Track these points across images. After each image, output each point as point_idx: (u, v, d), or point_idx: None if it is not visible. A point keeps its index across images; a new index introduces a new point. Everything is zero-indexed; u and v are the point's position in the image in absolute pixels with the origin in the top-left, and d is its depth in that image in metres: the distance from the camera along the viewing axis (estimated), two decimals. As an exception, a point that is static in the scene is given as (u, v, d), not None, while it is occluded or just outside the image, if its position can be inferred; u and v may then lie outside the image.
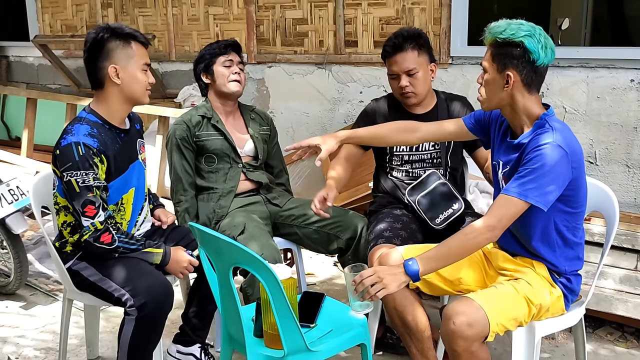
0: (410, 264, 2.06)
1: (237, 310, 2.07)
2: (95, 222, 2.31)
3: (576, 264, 2.26)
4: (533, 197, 2.01)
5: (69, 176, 2.29)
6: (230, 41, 3.08)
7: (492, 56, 2.08)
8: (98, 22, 5.38)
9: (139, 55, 2.39)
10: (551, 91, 3.67)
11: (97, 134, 2.36)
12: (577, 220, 2.20)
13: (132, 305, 2.28)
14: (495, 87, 2.10)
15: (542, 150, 2.01)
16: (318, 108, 4.44)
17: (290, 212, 3.04)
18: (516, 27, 2.03)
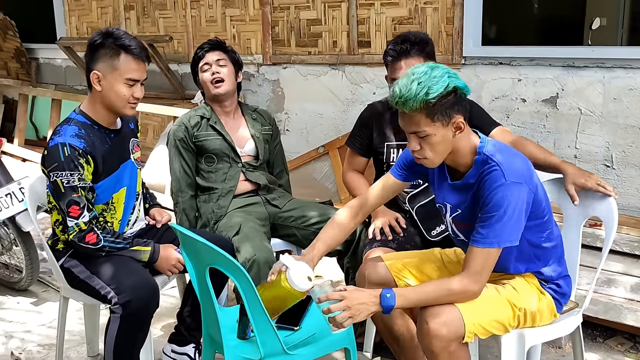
0: (388, 297, 1.95)
1: (215, 311, 2.06)
2: (79, 222, 2.33)
3: (561, 266, 2.18)
4: (506, 240, 1.96)
5: (55, 176, 2.32)
6: (204, 44, 3.07)
7: (429, 118, 1.92)
8: (121, 24, 5.46)
9: (125, 68, 2.35)
10: (566, 92, 3.56)
11: (84, 135, 2.38)
12: (547, 227, 2.13)
13: (117, 302, 2.30)
14: (446, 142, 1.97)
15: (499, 193, 1.94)
16: (332, 109, 4.41)
17: (290, 214, 3.02)
18: (436, 79, 1.91)
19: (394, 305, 1.95)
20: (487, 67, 3.78)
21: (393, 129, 2.79)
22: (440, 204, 2.19)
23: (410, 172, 2.28)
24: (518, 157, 2.04)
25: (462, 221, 2.12)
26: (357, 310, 1.94)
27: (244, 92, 4.79)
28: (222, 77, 2.99)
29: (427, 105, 1.90)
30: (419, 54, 2.63)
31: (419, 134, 1.96)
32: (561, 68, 3.56)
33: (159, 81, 5.19)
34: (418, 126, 1.95)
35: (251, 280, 1.91)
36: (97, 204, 2.45)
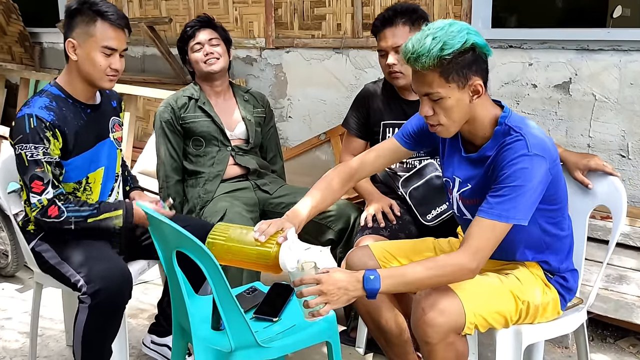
0: (372, 278, 1.72)
1: (184, 299, 1.90)
2: (42, 198, 2.19)
3: (569, 259, 2.00)
4: (515, 217, 1.74)
5: (20, 149, 2.19)
6: (193, 22, 2.92)
7: (443, 78, 1.74)
8: (123, 7, 5.32)
9: (100, 35, 2.21)
10: (579, 77, 3.35)
11: (55, 108, 2.23)
12: (561, 214, 1.94)
13: (86, 292, 2.14)
14: (462, 106, 1.79)
15: (519, 164, 1.74)
16: (335, 95, 4.23)
17: (280, 200, 2.86)
18: (453, 34, 1.73)
19: (378, 288, 1.71)
20: (497, 51, 3.57)
21: (389, 108, 2.65)
22: (448, 177, 2.00)
23: (417, 141, 2.10)
24: (545, 135, 1.84)
25: (470, 197, 1.92)
26: (334, 295, 1.70)
27: (246, 77, 4.63)
28: (217, 56, 2.86)
29: (441, 62, 1.72)
30: (406, 23, 2.49)
31: (431, 96, 1.78)
32: (574, 51, 3.35)
33: (160, 65, 5.05)
34: (431, 87, 1.76)
35: (219, 266, 1.74)
36: (68, 182, 2.30)
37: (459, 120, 1.82)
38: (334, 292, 1.70)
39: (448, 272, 1.75)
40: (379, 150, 2.16)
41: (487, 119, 1.84)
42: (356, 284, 1.72)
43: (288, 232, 1.88)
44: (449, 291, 1.80)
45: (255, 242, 1.87)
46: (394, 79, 2.56)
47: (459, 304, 1.78)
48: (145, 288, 3.43)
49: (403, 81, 2.54)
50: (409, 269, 1.78)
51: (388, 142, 2.16)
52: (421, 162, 2.59)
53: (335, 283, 1.71)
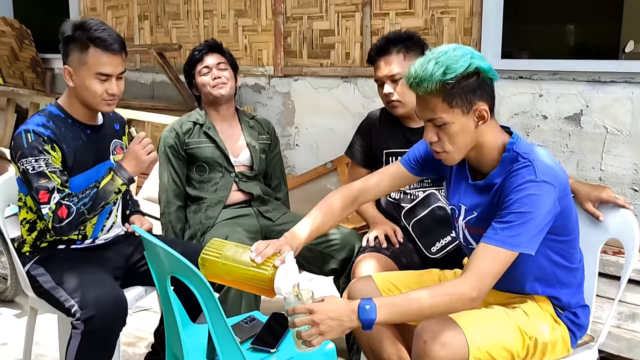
0: (367, 308, 1.62)
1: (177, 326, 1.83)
2: (51, 205, 2.14)
3: (581, 294, 1.92)
4: (521, 245, 1.67)
5: (22, 165, 2.16)
6: (201, 46, 2.90)
7: (447, 103, 1.69)
8: (134, 34, 5.35)
9: (94, 62, 2.17)
10: (590, 109, 3.30)
11: (52, 126, 2.21)
12: (572, 246, 1.86)
13: (79, 318, 2.07)
14: (467, 132, 1.73)
15: (526, 190, 1.67)
16: (343, 124, 4.20)
17: (283, 227, 2.78)
18: (457, 58, 1.67)
19: (374, 319, 1.62)
20: (506, 82, 3.53)
21: (392, 136, 2.60)
22: (453, 205, 1.93)
23: (423, 167, 2.04)
24: (555, 163, 1.77)
25: (476, 226, 1.84)
26: (328, 326, 1.61)
27: (254, 105, 4.62)
28: (224, 81, 2.84)
29: (444, 87, 1.67)
30: (400, 51, 2.45)
31: (435, 122, 1.72)
32: (586, 83, 3.30)
33: (169, 92, 5.05)
34: (434, 112, 1.71)
35: (213, 293, 1.68)
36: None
37: (464, 147, 1.76)
38: (328, 322, 1.62)
39: (447, 300, 1.65)
40: (383, 174, 2.10)
41: (494, 146, 1.79)
42: (351, 314, 1.63)
43: (286, 256, 1.81)
44: (452, 323, 1.72)
45: (250, 263, 1.80)
46: (392, 108, 2.52)
47: (462, 336, 1.70)
48: (145, 316, 3.36)
49: (402, 110, 2.50)
50: (406, 297, 1.69)
51: (393, 166, 2.11)
52: (425, 192, 2.53)
53: (329, 313, 1.62)
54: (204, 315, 2.28)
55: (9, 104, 6.12)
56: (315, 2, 4.24)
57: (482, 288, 1.66)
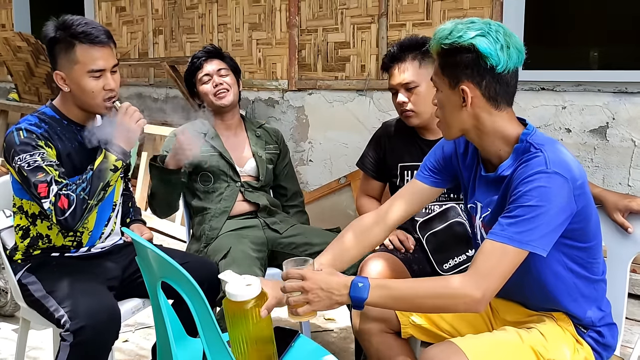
0: (360, 286, 1.55)
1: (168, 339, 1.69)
2: (51, 198, 2.00)
3: (606, 310, 1.74)
4: (530, 243, 1.50)
5: (16, 163, 2.03)
6: (200, 52, 2.78)
7: (440, 68, 1.62)
8: (149, 48, 5.31)
9: (84, 59, 2.04)
10: (617, 121, 3.14)
11: (44, 126, 2.10)
12: (593, 255, 1.69)
13: (68, 329, 1.94)
14: (452, 107, 1.63)
15: (536, 182, 1.52)
16: (358, 138, 4.07)
17: (291, 240, 2.65)
18: (464, 27, 1.57)
19: (365, 298, 1.54)
20: (528, 93, 3.39)
21: (407, 149, 2.44)
22: (471, 204, 1.79)
23: (437, 173, 1.89)
24: (573, 159, 1.61)
25: (490, 224, 1.69)
26: (317, 296, 1.55)
27: (267, 119, 4.52)
28: (226, 87, 2.72)
29: (441, 50, 1.60)
30: (415, 58, 2.30)
31: (432, 82, 1.68)
32: (612, 94, 3.15)
33: (182, 107, 4.98)
34: (433, 72, 1.67)
35: (205, 299, 1.54)
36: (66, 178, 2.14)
37: (455, 122, 1.65)
38: (317, 292, 1.56)
39: (447, 294, 1.52)
40: (402, 196, 1.93)
41: (500, 136, 1.63)
42: (342, 288, 1.56)
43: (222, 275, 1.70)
44: (456, 350, 1.55)
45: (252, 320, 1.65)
46: (406, 117, 2.38)
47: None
48: (147, 333, 3.23)
49: (416, 120, 2.36)
50: (403, 283, 1.59)
51: (409, 186, 1.95)
52: (441, 207, 2.39)
53: (320, 283, 1.56)
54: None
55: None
56: (330, 14, 4.15)
57: (488, 288, 1.51)
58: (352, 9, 4.05)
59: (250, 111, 4.59)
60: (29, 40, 5.94)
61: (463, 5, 3.59)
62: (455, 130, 1.67)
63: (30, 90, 6.40)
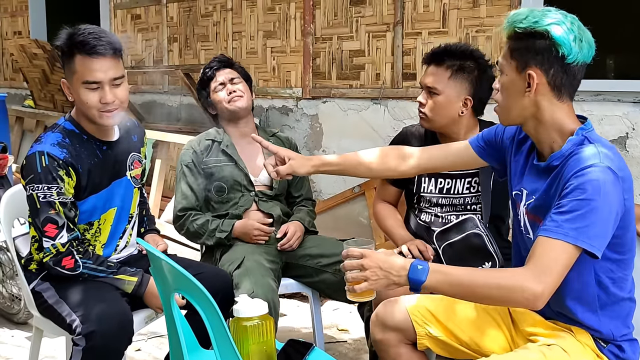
0: (419, 268, 1.57)
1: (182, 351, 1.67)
2: (56, 243, 2.02)
3: (628, 325, 1.69)
4: (586, 241, 1.49)
5: (31, 189, 2.02)
6: (211, 62, 2.80)
7: (510, 51, 1.63)
8: (164, 56, 5.32)
9: (81, 70, 1.99)
10: (637, 132, 3.10)
11: (67, 145, 2.07)
12: (624, 269, 1.65)
13: (80, 333, 1.93)
14: (515, 92, 1.63)
15: (589, 175, 1.50)
16: (371, 147, 4.01)
17: (306, 252, 2.63)
18: (540, 14, 1.59)
19: (423, 281, 1.56)
20: (545, 103, 3.35)
21: None
22: (517, 191, 1.78)
23: (489, 149, 1.92)
24: (624, 162, 1.60)
25: (533, 212, 1.68)
26: (375, 274, 1.59)
27: (281, 127, 4.50)
28: (240, 94, 2.72)
29: (514, 33, 1.62)
30: (449, 68, 2.27)
31: (499, 66, 1.69)
32: (632, 104, 3.10)
33: (196, 114, 4.97)
34: (501, 55, 1.68)
35: (219, 311, 1.51)
36: (80, 223, 2.14)
37: (514, 108, 1.66)
38: (376, 271, 1.60)
39: (507, 286, 1.51)
40: (446, 148, 2.02)
41: (557, 128, 1.63)
42: (401, 270, 1.59)
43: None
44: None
45: None
46: (419, 118, 2.38)
47: None
48: (160, 343, 3.21)
49: (426, 124, 2.36)
50: (462, 270, 1.61)
51: (459, 144, 2.01)
52: (458, 217, 2.35)
53: (380, 262, 1.60)
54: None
55: (37, 126, 6.14)
56: (345, 22, 4.13)
57: (547, 284, 1.49)
58: (368, 17, 4.02)
59: (264, 119, 4.57)
60: (45, 48, 5.98)
61: (480, 14, 3.56)
62: (514, 116, 1.67)
63: (46, 97, 6.44)
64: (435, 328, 1.84)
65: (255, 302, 1.71)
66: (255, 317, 1.68)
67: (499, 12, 3.48)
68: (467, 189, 2.36)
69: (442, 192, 2.37)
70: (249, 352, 1.66)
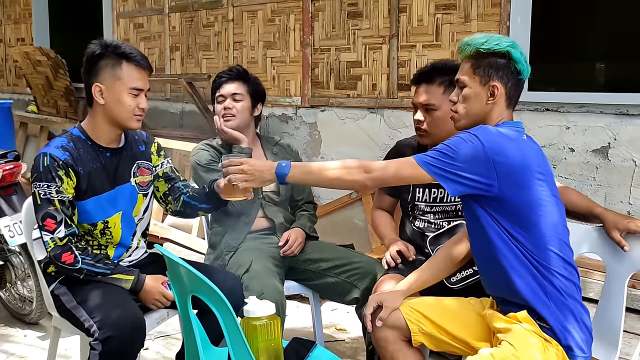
0: (282, 165, 2.02)
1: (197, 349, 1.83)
2: (54, 237, 2.20)
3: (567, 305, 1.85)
4: (429, 165, 1.86)
5: (34, 187, 2.22)
6: (224, 72, 2.91)
7: (472, 69, 1.96)
8: (166, 65, 5.47)
9: (128, 77, 2.24)
10: (619, 142, 3.27)
11: (71, 148, 2.26)
12: (542, 242, 1.85)
13: (97, 338, 2.09)
14: (477, 101, 1.96)
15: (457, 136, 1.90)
16: (368, 154, 4.21)
17: (307, 256, 2.79)
18: (498, 38, 1.95)
19: (287, 173, 2.00)
20: (533, 114, 3.53)
21: None
22: None
23: None
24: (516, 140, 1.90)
25: None
26: (252, 175, 2.07)
27: (281, 134, 4.66)
28: (233, 113, 2.82)
29: (477, 53, 1.95)
30: (442, 84, 2.40)
31: (459, 83, 2.00)
32: (613, 116, 3.28)
33: (198, 121, 5.13)
34: (462, 73, 1.99)
35: (234, 313, 1.68)
36: (82, 222, 2.31)
37: (473, 114, 1.97)
38: (253, 172, 2.07)
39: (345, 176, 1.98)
40: None
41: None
42: (271, 169, 2.05)
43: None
44: None
45: None
46: (419, 135, 2.53)
47: None
48: (167, 342, 3.36)
49: (427, 140, 2.49)
50: (317, 165, 2.07)
51: None
52: (450, 223, 2.52)
53: (255, 166, 2.08)
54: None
55: (42, 131, 6.27)
56: (343, 34, 4.30)
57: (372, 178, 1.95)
58: (364, 30, 4.20)
59: (264, 126, 4.73)
60: (49, 55, 6.12)
61: (471, 28, 3.73)
62: (471, 120, 1.99)
63: (49, 102, 6.58)
64: (426, 325, 2.02)
65: (264, 304, 1.88)
66: (264, 317, 1.85)
67: (489, 27, 3.65)
68: (458, 198, 2.52)
69: (435, 200, 2.53)
70: (258, 349, 1.83)
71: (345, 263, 2.69)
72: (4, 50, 7.41)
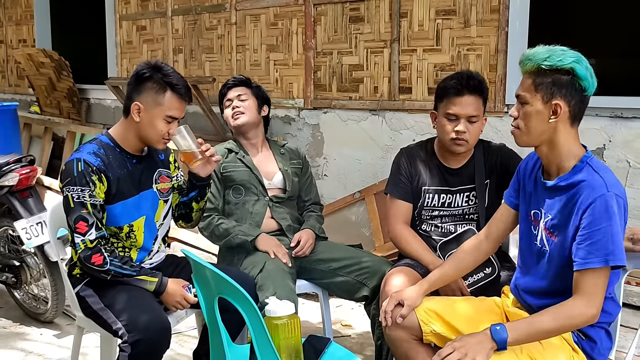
0: (498, 329, 1.84)
1: (224, 347, 1.95)
2: (85, 239, 2.30)
3: (604, 323, 1.98)
4: (614, 257, 1.80)
5: (67, 191, 2.32)
6: (229, 80, 3.11)
7: (534, 85, 1.88)
8: (169, 66, 5.56)
9: (167, 105, 2.36)
10: (613, 144, 3.40)
11: (102, 154, 2.38)
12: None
13: (126, 341, 2.21)
14: (539, 119, 1.89)
15: (602, 203, 1.81)
16: (370, 155, 4.34)
17: (318, 257, 2.91)
18: (562, 53, 1.86)
19: (506, 337, 1.83)
20: (531, 116, 3.65)
21: (430, 174, 2.64)
22: (535, 209, 2.05)
23: (515, 194, 2.18)
24: (621, 184, 1.91)
25: (551, 229, 1.97)
26: (474, 350, 1.83)
27: (284, 136, 4.78)
28: (242, 110, 3.01)
29: (539, 70, 1.87)
30: (479, 95, 2.51)
31: (520, 98, 1.92)
32: (608, 118, 3.41)
33: (202, 123, 5.23)
34: (523, 89, 1.92)
35: (260, 314, 1.80)
36: (109, 225, 2.43)
37: (535, 133, 1.91)
38: (473, 347, 1.83)
39: (571, 317, 1.84)
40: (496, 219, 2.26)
41: (566, 150, 1.91)
42: (485, 336, 1.85)
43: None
44: None
45: None
46: (456, 145, 2.53)
47: None
48: (179, 339, 3.47)
49: (463, 148, 2.54)
50: (533, 319, 1.88)
51: (501, 208, 2.26)
52: (456, 227, 2.62)
53: (469, 338, 1.87)
54: (242, 335, 2.42)
55: (46, 132, 6.35)
56: (345, 38, 4.41)
57: (596, 304, 1.83)
58: (366, 34, 4.31)
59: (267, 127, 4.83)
60: (53, 57, 6.21)
61: (470, 33, 3.86)
62: (533, 138, 1.93)
63: (52, 103, 6.67)
64: (439, 325, 2.12)
65: (284, 304, 2.00)
66: (285, 316, 1.98)
67: (488, 33, 3.77)
68: (466, 202, 2.62)
69: (444, 205, 2.63)
70: (279, 345, 1.95)
71: (354, 262, 2.81)
72: (5, 51, 7.48)
